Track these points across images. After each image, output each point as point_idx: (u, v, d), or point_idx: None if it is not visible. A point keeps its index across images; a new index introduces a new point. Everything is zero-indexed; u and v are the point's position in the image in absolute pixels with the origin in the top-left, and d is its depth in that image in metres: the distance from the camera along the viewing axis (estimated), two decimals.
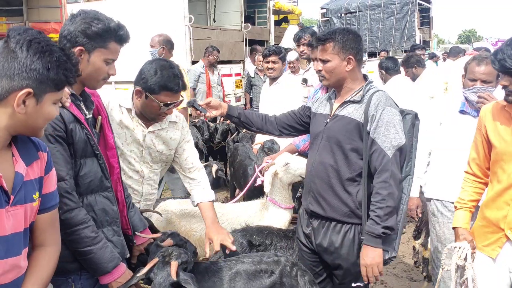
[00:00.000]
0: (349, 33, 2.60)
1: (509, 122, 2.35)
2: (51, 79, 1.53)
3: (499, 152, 2.38)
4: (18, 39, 1.50)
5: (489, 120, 2.45)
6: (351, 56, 2.57)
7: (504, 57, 2.17)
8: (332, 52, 2.57)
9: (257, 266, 2.46)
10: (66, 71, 1.56)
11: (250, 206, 3.56)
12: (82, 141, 2.01)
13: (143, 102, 2.65)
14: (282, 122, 2.93)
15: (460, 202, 2.63)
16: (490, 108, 2.49)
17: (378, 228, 2.43)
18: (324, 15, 16.08)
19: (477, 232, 2.55)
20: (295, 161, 3.31)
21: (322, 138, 2.66)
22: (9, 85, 1.48)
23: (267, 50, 5.06)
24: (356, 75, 2.64)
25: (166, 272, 2.03)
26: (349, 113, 2.57)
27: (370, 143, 2.49)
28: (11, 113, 1.51)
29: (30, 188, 1.63)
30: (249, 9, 12.68)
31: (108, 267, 2.03)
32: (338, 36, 2.56)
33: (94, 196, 2.10)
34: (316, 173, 2.67)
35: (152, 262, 2.09)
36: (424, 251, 4.45)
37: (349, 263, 2.64)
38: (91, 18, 2.02)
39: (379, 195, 2.44)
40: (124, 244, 2.26)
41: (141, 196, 2.87)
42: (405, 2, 14.45)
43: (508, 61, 2.15)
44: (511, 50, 2.15)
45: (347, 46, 2.56)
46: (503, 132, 2.37)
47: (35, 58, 1.50)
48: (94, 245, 1.99)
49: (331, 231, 2.66)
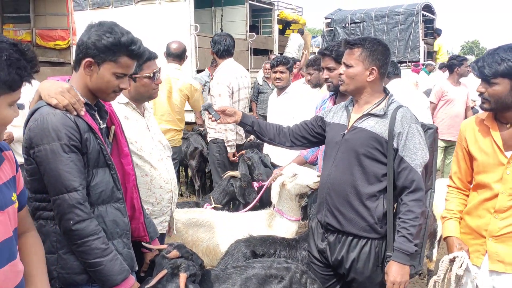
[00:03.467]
0: (380, 44, 2.56)
1: (488, 135, 2.44)
2: (2, 81, 1.40)
3: (480, 164, 2.47)
4: None
5: (470, 134, 2.54)
6: (375, 67, 2.53)
7: (484, 64, 2.32)
8: (357, 58, 2.53)
9: (267, 271, 2.46)
10: (20, 69, 1.44)
11: (257, 216, 3.55)
12: (95, 151, 2.01)
13: (135, 87, 2.66)
14: (295, 133, 2.88)
15: (448, 212, 2.64)
16: (469, 122, 2.59)
17: (411, 246, 2.43)
18: (329, 25, 16.13)
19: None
20: (303, 172, 3.31)
21: (339, 149, 2.60)
22: None
23: (275, 60, 5.08)
24: (377, 87, 2.60)
25: (175, 284, 2.03)
26: (370, 126, 2.52)
27: (399, 161, 2.47)
28: None
29: (5, 191, 1.56)
30: (254, 19, 12.76)
31: (118, 279, 1.99)
32: (367, 44, 2.53)
33: (105, 207, 2.08)
34: (333, 186, 2.62)
35: (160, 274, 2.07)
36: (429, 262, 4.44)
37: (364, 277, 2.62)
38: (104, 30, 2.00)
39: (413, 213, 2.44)
40: (134, 257, 2.23)
41: (171, 184, 2.80)
42: (410, 13, 14.50)
43: (487, 69, 2.30)
44: (491, 59, 2.30)
45: (373, 56, 2.52)
46: (483, 145, 2.46)
47: None
48: (104, 256, 1.95)
49: (347, 245, 2.62)
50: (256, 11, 12.54)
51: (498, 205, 2.41)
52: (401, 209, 2.49)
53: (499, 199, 2.41)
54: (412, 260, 2.49)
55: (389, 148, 2.48)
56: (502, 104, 2.33)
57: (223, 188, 4.16)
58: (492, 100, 2.35)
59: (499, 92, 2.30)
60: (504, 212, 2.40)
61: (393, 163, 2.49)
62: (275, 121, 3.59)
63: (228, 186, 4.13)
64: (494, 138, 2.41)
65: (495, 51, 2.33)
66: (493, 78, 2.30)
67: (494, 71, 2.28)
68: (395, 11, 14.81)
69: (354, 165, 2.54)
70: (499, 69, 2.26)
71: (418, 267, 2.61)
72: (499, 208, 2.41)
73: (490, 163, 2.43)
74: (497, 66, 2.27)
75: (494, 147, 2.41)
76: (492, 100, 2.35)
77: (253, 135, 2.93)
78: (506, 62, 2.25)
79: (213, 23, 11.80)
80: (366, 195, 2.53)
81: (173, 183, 2.82)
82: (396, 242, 2.47)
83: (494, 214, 2.43)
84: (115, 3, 10.09)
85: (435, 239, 4.31)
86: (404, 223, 2.45)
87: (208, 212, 3.69)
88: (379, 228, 2.55)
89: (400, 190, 2.51)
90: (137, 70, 2.59)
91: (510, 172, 2.36)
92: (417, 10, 14.40)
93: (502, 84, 2.29)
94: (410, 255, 2.45)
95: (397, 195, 2.53)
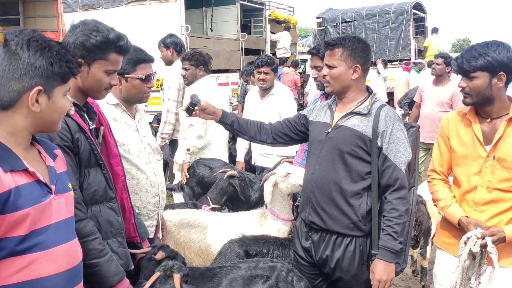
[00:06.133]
0: (359, 41, 2.57)
1: (469, 128, 2.52)
2: (56, 73, 1.58)
3: (460, 156, 2.55)
4: (17, 41, 1.54)
5: (452, 127, 2.61)
6: (358, 64, 2.54)
7: (463, 60, 2.44)
8: (339, 58, 2.54)
9: (252, 271, 2.47)
10: (68, 62, 1.61)
11: (249, 216, 3.54)
12: (87, 150, 2.01)
13: (125, 87, 2.60)
14: (277, 130, 2.86)
15: (446, 200, 2.61)
16: (452, 116, 2.66)
17: (396, 244, 2.45)
18: (320, 24, 16.17)
19: (441, 231, 2.70)
20: (295, 171, 3.30)
21: (323, 147, 2.61)
22: (19, 87, 1.53)
23: (260, 60, 4.89)
24: (361, 85, 2.62)
25: (169, 286, 2.02)
26: (354, 125, 2.53)
27: (383, 159, 2.48)
28: (27, 113, 1.56)
29: (63, 179, 1.73)
30: (246, 19, 12.74)
31: (114, 280, 1.99)
32: (347, 43, 2.53)
33: (98, 206, 2.08)
34: (316, 185, 2.62)
35: (154, 277, 2.07)
36: (422, 260, 4.45)
37: (350, 275, 2.62)
38: (90, 30, 2.01)
39: (397, 211, 2.45)
40: (129, 256, 2.23)
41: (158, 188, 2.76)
42: (400, 12, 14.56)
43: (465, 64, 2.41)
44: (469, 55, 2.42)
45: (355, 54, 2.53)
46: (464, 138, 2.54)
47: (37, 56, 1.54)
48: (101, 257, 1.95)
49: (332, 244, 2.62)
50: (247, 11, 12.52)
51: (477, 198, 2.47)
52: (385, 207, 2.50)
53: (477, 192, 2.47)
54: (397, 258, 2.50)
55: (373, 146, 2.50)
56: (483, 97, 2.43)
57: (221, 188, 4.13)
58: (473, 94, 2.44)
59: (479, 85, 2.40)
60: (484, 205, 2.46)
61: (377, 161, 2.50)
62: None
63: (227, 186, 4.11)
64: (475, 131, 2.49)
65: (472, 47, 2.46)
66: (472, 72, 2.40)
67: (473, 65, 2.38)
68: (386, 9, 14.88)
69: (338, 163, 2.55)
70: (478, 63, 2.37)
71: (403, 265, 2.64)
72: (478, 200, 2.47)
73: (470, 155, 2.50)
74: (475, 61, 2.38)
75: (475, 140, 2.49)
76: (473, 94, 2.44)
77: (233, 133, 2.88)
78: (483, 57, 2.36)
79: (204, 23, 11.78)
80: (350, 193, 2.54)
81: (161, 187, 2.78)
82: (381, 240, 2.48)
83: (474, 207, 2.49)
84: (105, 4, 10.05)
85: (429, 236, 4.32)
86: (389, 221, 2.46)
87: (200, 212, 3.67)
88: (363, 226, 2.55)
89: (384, 188, 2.52)
90: (130, 70, 2.55)
91: (488, 166, 2.44)
92: (408, 8, 14.47)
93: (481, 77, 2.40)
94: (396, 253, 2.47)
95: (381, 193, 2.55)
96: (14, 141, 1.56)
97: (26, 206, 1.51)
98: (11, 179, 1.49)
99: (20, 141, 1.58)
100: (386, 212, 2.48)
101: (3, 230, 1.49)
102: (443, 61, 6.20)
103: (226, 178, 4.09)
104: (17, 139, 1.57)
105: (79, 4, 10.48)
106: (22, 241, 1.53)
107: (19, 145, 1.58)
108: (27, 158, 1.58)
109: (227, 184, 4.10)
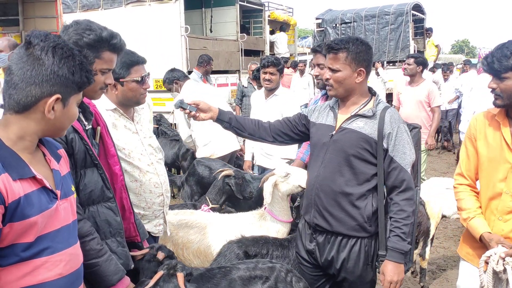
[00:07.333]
0: (362, 44, 2.53)
1: (498, 131, 2.38)
2: (76, 83, 1.58)
3: (486, 159, 2.42)
4: (43, 46, 1.52)
5: (480, 129, 2.48)
6: (362, 68, 2.51)
7: (493, 59, 2.27)
8: (344, 62, 2.49)
9: (251, 272, 2.47)
10: (87, 72, 1.62)
11: (247, 217, 3.53)
12: (81, 151, 2.01)
13: (122, 91, 2.59)
14: (276, 129, 2.82)
15: (470, 212, 2.49)
16: (480, 116, 2.52)
17: (405, 244, 2.45)
18: (319, 25, 16.14)
19: (465, 242, 2.60)
20: (295, 172, 3.29)
21: (327, 150, 2.58)
22: (38, 93, 1.52)
23: (265, 60, 4.87)
24: (364, 88, 2.60)
25: (172, 284, 2.04)
26: (359, 127, 2.51)
27: (389, 161, 2.48)
28: (40, 118, 1.56)
29: (67, 181, 1.73)
30: (245, 20, 12.76)
31: (113, 279, 2.00)
32: (351, 47, 2.48)
33: (96, 207, 2.08)
34: (321, 187, 2.60)
35: (157, 275, 2.08)
36: (422, 261, 4.46)
37: (355, 276, 2.62)
38: (83, 29, 2.01)
39: (405, 212, 2.46)
40: (129, 255, 2.23)
41: (162, 188, 2.76)
42: (400, 13, 14.55)
43: (496, 63, 2.25)
44: (500, 54, 2.25)
45: (360, 58, 2.50)
46: (492, 140, 2.40)
47: (61, 64, 1.54)
48: (100, 257, 1.96)
49: (337, 245, 2.61)
50: (246, 12, 12.53)
51: (501, 206, 2.35)
52: (392, 208, 2.50)
53: (502, 199, 2.35)
54: (405, 258, 2.51)
55: (379, 148, 2.49)
56: None
57: (219, 188, 4.13)
58: (504, 96, 2.29)
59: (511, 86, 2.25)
60: (508, 214, 2.33)
61: (383, 163, 2.49)
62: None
63: (224, 185, 4.11)
64: (504, 134, 2.35)
65: (503, 45, 2.27)
66: (503, 72, 2.25)
67: (504, 65, 2.22)
68: (385, 11, 14.86)
69: (344, 166, 2.53)
70: (510, 62, 2.21)
71: (409, 264, 2.66)
72: (502, 209, 2.35)
73: (496, 159, 2.37)
74: (506, 60, 2.22)
75: (503, 144, 2.35)
76: (504, 95, 2.29)
77: (232, 131, 2.86)
78: None
79: (204, 24, 11.80)
80: (356, 195, 2.53)
81: (164, 186, 2.79)
82: (390, 242, 2.47)
83: (498, 216, 2.36)
84: (105, 5, 10.06)
85: (428, 237, 4.33)
86: (397, 222, 2.45)
87: (198, 213, 3.66)
88: (368, 227, 2.55)
89: (390, 189, 2.52)
90: (124, 74, 2.55)
91: None
92: (407, 9, 14.45)
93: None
94: (404, 254, 2.47)
95: (386, 195, 2.55)
96: (21, 145, 1.55)
97: (34, 214, 1.51)
98: (20, 188, 1.48)
99: (28, 145, 1.57)
100: (393, 214, 2.48)
101: (10, 238, 1.48)
102: (414, 60, 6.21)
103: (221, 178, 4.09)
104: (25, 143, 1.56)
105: (78, 4, 10.49)
106: (28, 248, 1.53)
107: (26, 149, 1.57)
108: (33, 162, 1.57)
109: (224, 184, 4.11)
